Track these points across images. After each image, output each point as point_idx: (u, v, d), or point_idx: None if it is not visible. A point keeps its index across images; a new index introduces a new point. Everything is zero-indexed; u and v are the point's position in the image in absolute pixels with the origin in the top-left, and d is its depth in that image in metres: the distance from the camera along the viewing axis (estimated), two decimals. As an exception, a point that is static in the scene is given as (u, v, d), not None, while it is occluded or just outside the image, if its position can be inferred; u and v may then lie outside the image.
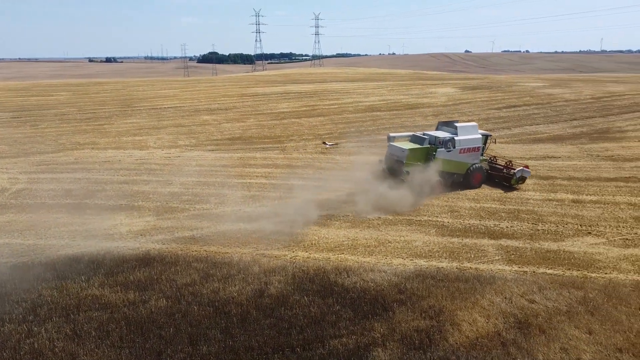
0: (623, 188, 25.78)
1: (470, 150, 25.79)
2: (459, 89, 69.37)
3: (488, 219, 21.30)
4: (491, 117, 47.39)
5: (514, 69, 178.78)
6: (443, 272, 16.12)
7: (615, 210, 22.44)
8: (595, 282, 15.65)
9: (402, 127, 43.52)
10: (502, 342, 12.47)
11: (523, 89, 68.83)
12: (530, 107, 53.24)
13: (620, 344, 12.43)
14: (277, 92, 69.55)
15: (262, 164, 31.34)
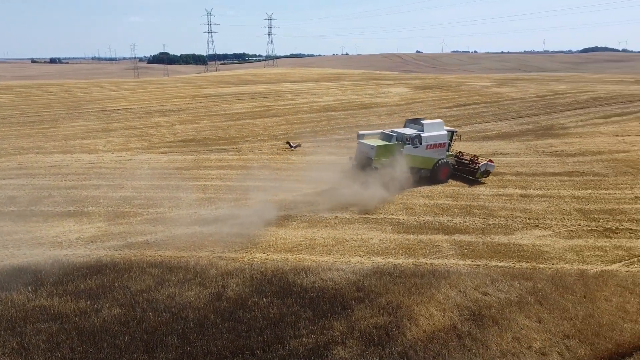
0: (567, 182, 27.01)
1: (437, 146, 26.82)
2: (412, 89, 70.75)
3: (442, 215, 21.82)
4: (443, 116, 48.51)
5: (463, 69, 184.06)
6: (400, 269, 16.39)
7: (560, 203, 23.47)
8: (543, 272, 16.32)
9: (356, 126, 43.95)
10: (457, 335, 12.81)
11: (472, 88, 70.92)
12: (479, 106, 54.91)
13: (568, 330, 13.02)
14: (231, 92, 68.82)
15: (217, 166, 30.93)
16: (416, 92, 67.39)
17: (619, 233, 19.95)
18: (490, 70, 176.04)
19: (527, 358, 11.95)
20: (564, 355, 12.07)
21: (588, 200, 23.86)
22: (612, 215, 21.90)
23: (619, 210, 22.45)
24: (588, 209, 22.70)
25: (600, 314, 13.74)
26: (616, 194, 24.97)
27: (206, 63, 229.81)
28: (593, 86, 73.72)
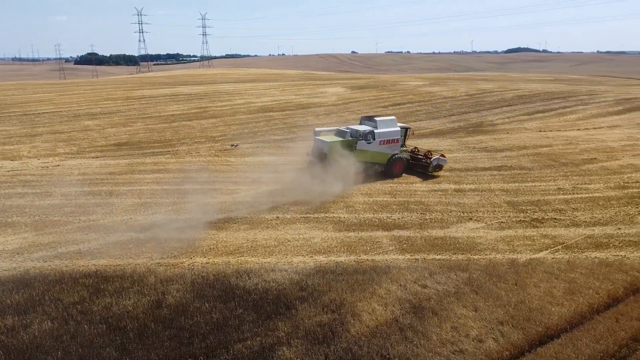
0: (496, 176, 28.38)
1: (390, 141, 28.03)
2: (348, 89, 71.76)
3: (381, 212, 22.29)
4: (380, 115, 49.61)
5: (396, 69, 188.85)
6: (342, 266, 16.59)
7: (491, 196, 24.62)
8: (478, 263, 17.06)
9: (295, 127, 44.06)
10: (399, 328, 13.14)
11: (406, 87, 72.94)
12: (414, 105, 56.57)
13: (502, 317, 13.69)
14: (166, 94, 66.90)
15: (152, 170, 29.97)
16: (353, 91, 68.42)
17: (544, 223, 21.20)
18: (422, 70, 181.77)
19: (465, 346, 12.45)
20: (499, 340, 12.68)
21: (516, 193, 25.19)
22: (538, 206, 23.24)
23: (544, 201, 23.86)
24: (516, 201, 23.96)
25: (531, 300, 14.55)
26: (541, 186, 26.52)
27: (138, 64, 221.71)
28: (517, 85, 77.86)
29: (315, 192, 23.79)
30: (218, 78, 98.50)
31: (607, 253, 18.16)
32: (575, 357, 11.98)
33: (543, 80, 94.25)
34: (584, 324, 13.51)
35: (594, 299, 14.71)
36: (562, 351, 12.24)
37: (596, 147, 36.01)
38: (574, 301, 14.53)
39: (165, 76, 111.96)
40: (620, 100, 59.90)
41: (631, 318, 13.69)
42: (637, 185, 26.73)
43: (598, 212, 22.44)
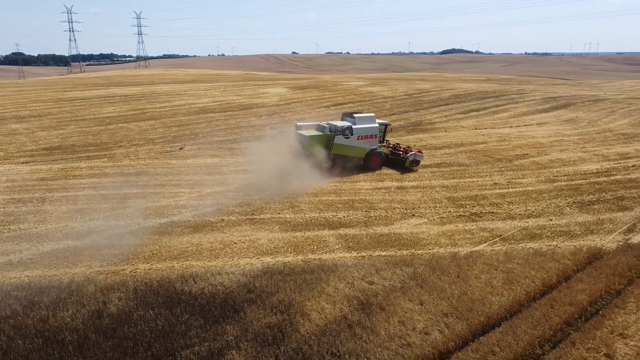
0: (436, 173, 29.28)
1: (368, 137, 29.59)
2: (290, 89, 71.69)
3: (326, 211, 22.43)
4: (321, 115, 49.85)
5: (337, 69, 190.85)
6: (289, 266, 16.54)
7: (432, 193, 25.37)
8: (422, 258, 17.52)
9: (237, 128, 43.51)
10: (348, 325, 13.26)
11: (347, 87, 73.78)
12: (355, 105, 57.29)
13: (446, 309, 14.12)
14: (100, 95, 64.15)
15: (88, 174, 28.65)
16: (295, 92, 68.43)
17: (482, 216, 22.09)
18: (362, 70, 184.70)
19: (412, 339, 12.74)
20: (444, 332, 13.07)
21: (455, 189, 26.09)
22: (476, 200, 24.18)
23: (482, 196, 24.86)
24: (456, 196, 24.82)
25: (472, 291, 15.10)
26: (478, 181, 27.61)
27: (69, 64, 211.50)
28: (453, 84, 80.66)
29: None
30: (156, 79, 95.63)
31: (541, 243, 19.18)
32: (515, 344, 12.54)
33: (477, 80, 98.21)
34: (522, 312, 14.18)
35: (530, 287, 15.47)
36: (503, 339, 12.78)
37: (527, 143, 37.92)
38: (512, 290, 15.21)
39: (99, 77, 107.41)
40: (547, 98, 63.40)
41: (564, 304, 14.50)
42: (565, 178, 28.40)
43: (531, 205, 23.63)
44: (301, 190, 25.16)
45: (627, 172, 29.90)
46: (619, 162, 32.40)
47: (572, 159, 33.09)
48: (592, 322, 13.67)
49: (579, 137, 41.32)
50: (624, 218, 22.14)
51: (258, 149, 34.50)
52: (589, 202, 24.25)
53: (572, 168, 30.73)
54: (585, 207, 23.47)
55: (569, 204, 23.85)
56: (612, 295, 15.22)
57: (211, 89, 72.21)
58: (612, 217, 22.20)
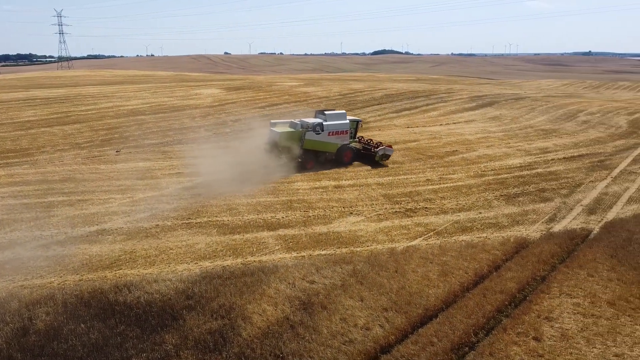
0: (372, 171, 29.86)
1: (339, 133, 31.06)
2: (224, 90, 70.58)
3: (265, 212, 22.27)
4: (257, 116, 49.47)
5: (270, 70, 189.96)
6: (229, 270, 16.28)
7: (369, 191, 25.85)
8: (361, 255, 17.80)
9: (170, 130, 42.28)
10: (291, 325, 13.24)
11: (282, 88, 73.67)
12: (290, 105, 57.32)
13: (386, 304, 14.42)
14: (19, 98, 60.16)
15: (8, 182, 26.78)
16: (229, 93, 67.45)
17: (417, 212, 22.77)
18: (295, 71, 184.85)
19: (355, 335, 12.92)
20: (385, 326, 13.34)
21: (390, 186, 26.73)
22: (411, 197, 24.90)
23: (416, 192, 25.63)
24: (391, 193, 25.43)
25: (410, 285, 15.53)
26: (412, 178, 28.44)
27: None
28: (385, 84, 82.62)
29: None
30: (80, 80, 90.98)
31: (472, 235, 20.04)
32: (451, 333, 13.02)
33: (407, 80, 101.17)
34: (457, 302, 14.76)
35: (464, 278, 16.12)
36: (440, 329, 13.24)
37: (456, 140, 39.53)
38: (447, 282, 15.79)
39: (17, 78, 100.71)
40: (473, 97, 66.41)
41: (495, 292, 15.24)
42: (492, 173, 29.86)
43: (462, 199, 24.65)
44: (238, 192, 24.83)
45: (547, 166, 31.90)
46: (540, 156, 34.50)
47: (497, 155, 34.85)
48: (521, 308, 14.46)
49: (504, 133, 43.59)
50: (546, 209, 23.59)
51: (193, 151, 33.75)
52: (514, 194, 25.63)
53: (498, 163, 32.35)
54: (511, 200, 24.80)
55: (496, 197, 25.10)
56: (537, 282, 16.17)
57: (141, 90, 69.71)
58: (535, 208, 23.59)
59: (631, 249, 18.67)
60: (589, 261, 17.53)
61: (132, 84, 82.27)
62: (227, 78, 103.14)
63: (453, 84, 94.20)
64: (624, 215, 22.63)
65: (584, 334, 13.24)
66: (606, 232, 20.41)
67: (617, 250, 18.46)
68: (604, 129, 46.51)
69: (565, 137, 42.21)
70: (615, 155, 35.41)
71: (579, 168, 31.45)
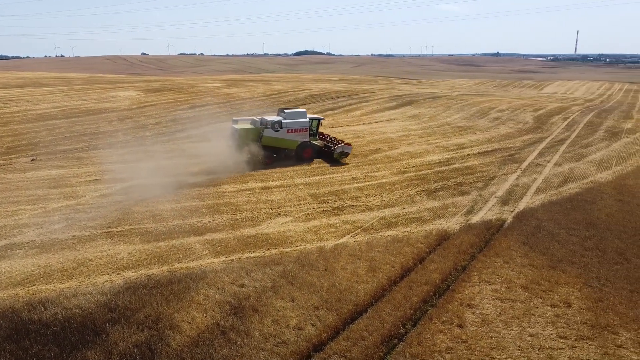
0: (299, 171, 29.97)
1: (298, 130, 32.03)
2: (142, 92, 67.91)
3: (190, 217, 21.69)
4: (178, 118, 48.08)
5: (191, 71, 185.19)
6: (155, 279, 15.69)
7: (296, 191, 25.93)
8: (290, 255, 17.82)
9: (85, 135, 40.03)
10: (222, 331, 12.99)
11: (204, 89, 72.09)
12: (213, 106, 56.24)
13: (317, 302, 14.54)
14: None
15: None
16: (148, 95, 64.99)
17: (344, 210, 23.16)
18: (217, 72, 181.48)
19: (287, 336, 12.91)
20: (316, 325, 13.45)
21: (317, 185, 26.98)
22: (337, 195, 25.28)
23: (342, 191, 26.05)
24: (318, 192, 25.68)
25: (340, 282, 15.76)
26: (338, 177, 28.88)
27: None
28: (308, 85, 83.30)
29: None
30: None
31: (397, 231, 20.69)
32: (381, 327, 13.37)
33: (330, 81, 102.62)
34: (385, 296, 15.18)
35: (391, 272, 16.61)
36: (370, 323, 13.55)
37: (379, 139, 40.63)
38: (375, 277, 16.19)
39: None
40: (393, 96, 68.59)
41: (420, 283, 15.84)
42: (413, 169, 31.00)
43: (386, 196, 25.37)
44: (162, 197, 24.00)
45: (464, 161, 33.61)
46: (457, 152, 36.28)
47: (418, 152, 36.24)
48: (445, 297, 15.14)
49: (423, 131, 45.40)
50: (464, 201, 24.85)
51: (112, 156, 32.22)
52: (435, 189, 26.78)
53: (419, 160, 33.65)
54: (432, 195, 25.88)
55: (418, 193, 26.08)
56: (459, 271, 17.01)
57: (51, 93, 65.45)
58: (455, 202, 24.79)
59: (540, 235, 20.14)
60: (504, 249, 18.69)
61: (40, 86, 77.01)
62: (145, 80, 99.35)
63: (374, 84, 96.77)
64: (533, 205, 24.33)
65: (502, 317, 14.09)
66: (518, 221, 21.85)
67: (528, 238, 19.83)
68: (513, 125, 49.77)
69: (479, 134, 44.70)
70: (524, 149, 38.00)
71: (492, 162, 33.43)
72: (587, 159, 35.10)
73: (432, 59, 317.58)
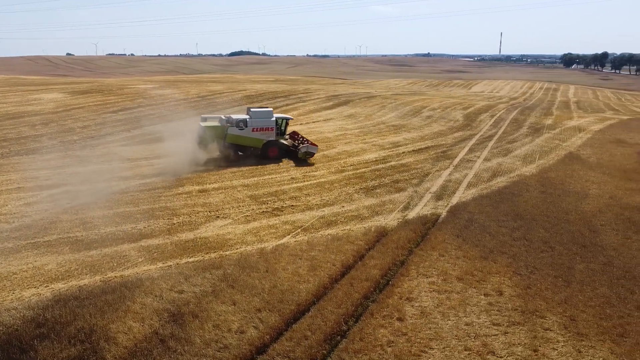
0: (237, 173, 29.57)
1: (263, 129, 32.59)
2: (68, 94, 64.54)
3: (124, 223, 20.85)
4: (108, 121, 46.13)
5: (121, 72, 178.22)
6: (86, 290, 14.95)
7: (234, 192, 25.58)
8: (230, 258, 17.56)
9: (5, 140, 37.46)
10: (161, 340, 12.59)
11: (135, 91, 69.58)
12: (146, 108, 54.41)
13: (259, 305, 14.42)
14: None
15: None
16: (74, 97, 61.84)
17: (284, 210, 23.11)
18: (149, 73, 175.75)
19: (229, 340, 12.71)
20: (259, 327, 13.33)
21: (256, 187, 26.76)
22: (277, 196, 25.19)
23: (281, 191, 25.99)
24: (257, 194, 25.46)
25: (282, 283, 15.72)
26: (277, 177, 28.78)
27: None
28: (245, 85, 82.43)
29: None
30: None
31: (337, 229, 20.91)
32: (324, 325, 13.45)
33: (266, 81, 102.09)
34: (327, 294, 15.30)
35: (332, 270, 16.75)
36: (313, 322, 13.60)
37: (317, 139, 40.82)
38: (317, 276, 16.27)
39: None
40: (330, 96, 69.27)
41: (361, 280, 16.09)
42: (351, 168, 31.45)
43: (325, 195, 25.58)
44: (93, 204, 22.92)
45: (400, 159, 34.51)
46: (392, 150, 37.20)
47: (355, 150, 36.80)
48: (385, 292, 15.47)
49: (359, 130, 46.16)
50: (400, 198, 25.52)
51: (36, 163, 30.41)
52: (372, 187, 27.30)
53: (356, 158, 34.17)
54: (370, 192, 26.37)
55: (356, 191, 26.49)
56: (398, 266, 17.43)
57: (-36, 96, 60.80)
58: (392, 199, 25.39)
59: (472, 228, 21.04)
60: (439, 242, 19.36)
61: (-48, 89, 71.32)
62: (71, 81, 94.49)
63: (310, 84, 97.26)
64: (465, 199, 25.38)
65: (440, 309, 14.58)
66: (452, 216, 22.72)
67: (461, 231, 20.66)
68: (445, 123, 51.69)
69: (413, 132, 46.06)
70: (455, 146, 39.56)
71: (426, 159, 34.55)
72: (513, 154, 37.05)
73: (367, 60, 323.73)
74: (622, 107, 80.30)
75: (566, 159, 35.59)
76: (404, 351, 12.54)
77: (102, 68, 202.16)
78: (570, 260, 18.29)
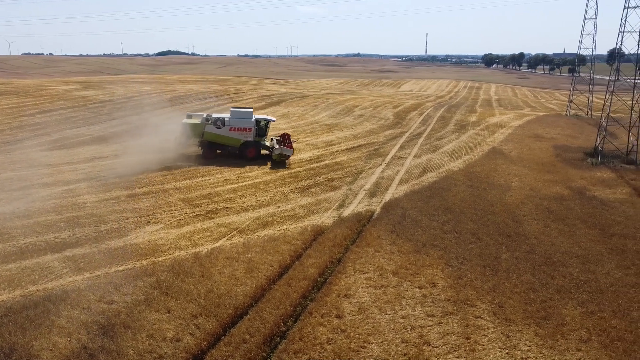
0: (168, 176, 28.57)
1: (241, 129, 32.91)
2: (-22, 96, 59.82)
3: (46, 233, 19.59)
4: (25, 125, 43.24)
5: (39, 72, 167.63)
6: (5, 306, 13.91)
7: (166, 196, 24.74)
8: (163, 264, 16.96)
9: None
10: (90, 354, 11.94)
11: (55, 92, 65.69)
12: (67, 111, 51.54)
13: (194, 311, 14.02)
14: None
15: None
16: (-15, 99, 57.42)
17: (218, 213, 22.64)
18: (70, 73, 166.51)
19: (164, 349, 12.26)
20: (196, 334, 12.96)
21: (189, 189, 26.03)
22: (211, 198, 24.64)
23: (215, 193, 25.45)
24: (190, 197, 24.78)
25: (218, 287, 15.37)
26: (210, 179, 28.16)
27: None
28: (174, 86, 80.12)
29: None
30: None
31: (273, 229, 20.76)
32: (262, 327, 13.29)
33: (196, 81, 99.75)
34: (265, 296, 15.14)
35: (269, 271, 16.60)
36: (251, 325, 13.40)
37: (250, 139, 40.37)
38: (254, 278, 16.06)
39: None
40: (262, 96, 68.82)
41: (299, 279, 16.05)
42: (286, 168, 31.35)
43: (260, 196, 25.34)
44: (10, 213, 21.36)
45: (333, 157, 34.85)
46: (326, 149, 37.50)
47: (289, 150, 36.69)
48: (323, 290, 15.54)
49: (293, 129, 46.13)
50: (336, 196, 25.76)
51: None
52: (308, 186, 27.37)
53: (292, 158, 34.11)
54: (305, 191, 26.42)
55: (292, 190, 26.45)
56: (335, 264, 17.57)
57: None
58: (327, 197, 25.57)
59: (405, 223, 21.61)
60: (374, 239, 19.72)
61: None
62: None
63: (242, 84, 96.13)
64: (398, 195, 26.03)
65: (377, 303, 14.84)
66: (385, 212, 23.21)
67: (395, 226, 21.16)
68: (376, 121, 52.80)
69: (346, 130, 46.68)
70: (387, 144, 40.51)
71: (359, 157, 35.12)
72: (441, 150, 38.47)
73: (298, 60, 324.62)
74: (538, 104, 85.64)
75: (490, 154, 37.42)
76: (344, 348, 12.64)
77: (18, 68, 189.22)
78: (496, 250, 19.23)
